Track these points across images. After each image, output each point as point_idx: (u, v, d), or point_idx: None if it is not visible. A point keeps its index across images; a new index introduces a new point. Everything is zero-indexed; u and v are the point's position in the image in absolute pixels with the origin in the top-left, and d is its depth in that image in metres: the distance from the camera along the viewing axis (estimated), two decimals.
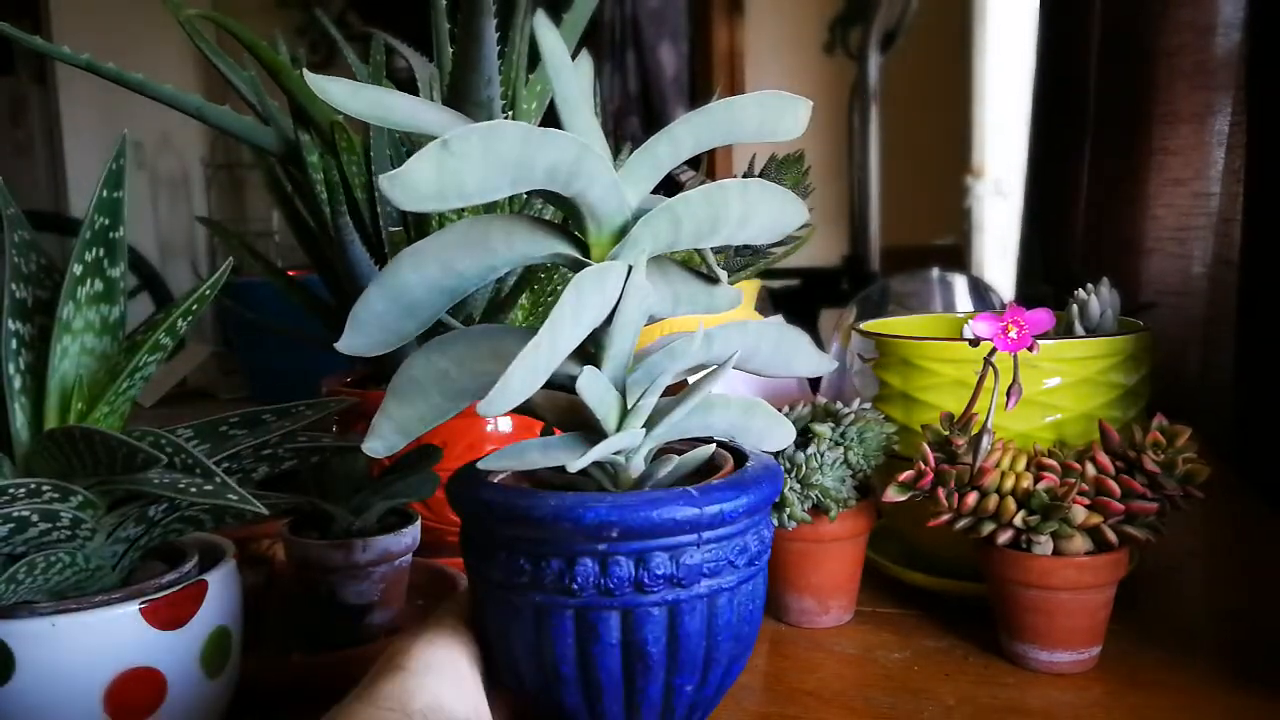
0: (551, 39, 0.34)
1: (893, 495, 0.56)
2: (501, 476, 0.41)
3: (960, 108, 3.03)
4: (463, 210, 0.63)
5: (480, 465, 0.37)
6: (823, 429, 0.57)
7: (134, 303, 2.09)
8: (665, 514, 0.36)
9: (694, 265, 0.42)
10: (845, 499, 0.58)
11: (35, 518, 0.39)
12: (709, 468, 0.42)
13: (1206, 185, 1.12)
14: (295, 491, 0.54)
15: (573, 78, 0.36)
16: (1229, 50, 1.08)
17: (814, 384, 0.96)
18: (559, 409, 0.40)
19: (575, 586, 0.36)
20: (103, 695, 0.40)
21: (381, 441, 0.37)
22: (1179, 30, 1.14)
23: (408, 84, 0.73)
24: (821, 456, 0.57)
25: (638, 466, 0.40)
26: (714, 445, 0.42)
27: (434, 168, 0.32)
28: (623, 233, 0.37)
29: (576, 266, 0.37)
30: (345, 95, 0.36)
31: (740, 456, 0.43)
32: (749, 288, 0.89)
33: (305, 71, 0.37)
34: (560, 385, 0.38)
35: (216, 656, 0.44)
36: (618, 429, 0.38)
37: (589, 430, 0.38)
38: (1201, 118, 1.13)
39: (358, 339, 0.36)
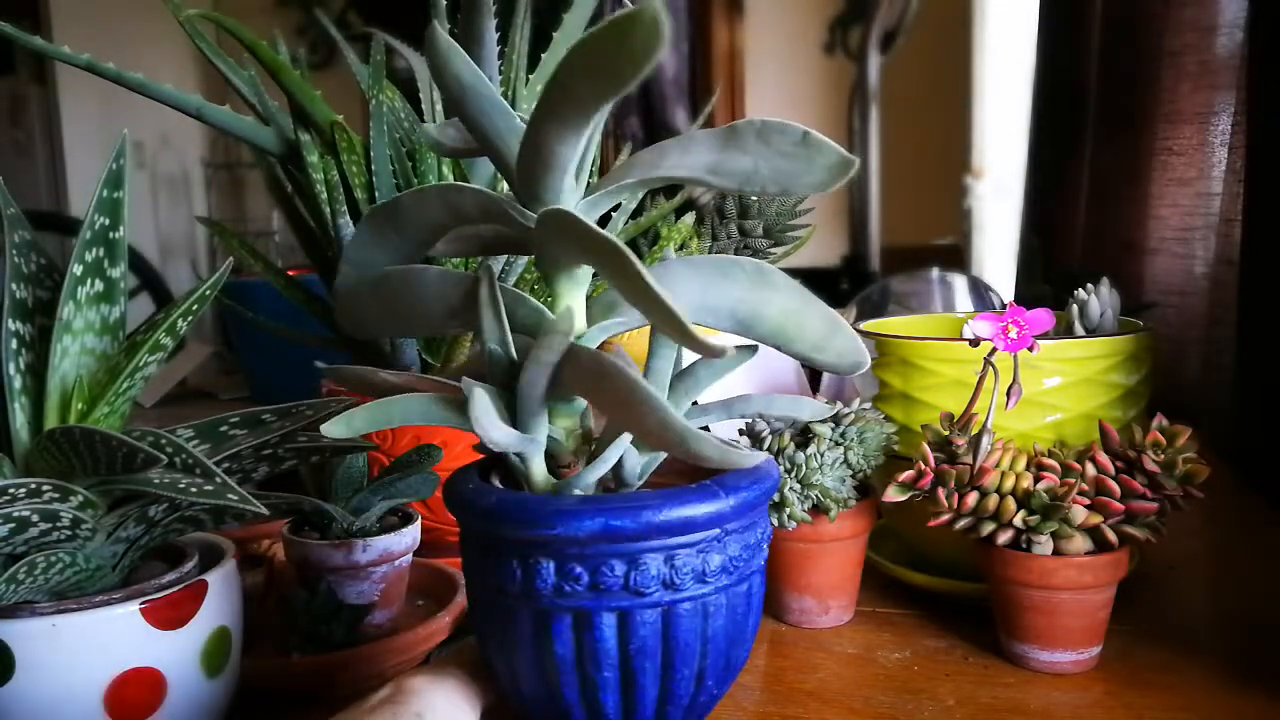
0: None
1: (893, 495, 0.56)
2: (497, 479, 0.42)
3: (960, 108, 3.03)
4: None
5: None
6: (823, 429, 0.57)
7: (134, 303, 2.09)
8: (504, 513, 0.36)
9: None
10: (845, 499, 0.58)
11: (35, 518, 0.39)
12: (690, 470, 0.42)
13: (1210, 185, 1.12)
14: (295, 491, 0.54)
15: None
16: (1232, 51, 1.08)
17: (814, 383, 0.96)
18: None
19: (563, 588, 0.37)
20: (103, 695, 0.40)
21: None
22: (1182, 30, 1.14)
23: (408, 84, 0.73)
24: (821, 456, 0.57)
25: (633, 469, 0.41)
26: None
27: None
28: None
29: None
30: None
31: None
32: None
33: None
34: None
35: (216, 656, 0.44)
36: None
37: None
38: (1205, 118, 1.13)
39: None
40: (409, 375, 0.41)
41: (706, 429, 0.40)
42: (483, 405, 0.35)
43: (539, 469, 0.40)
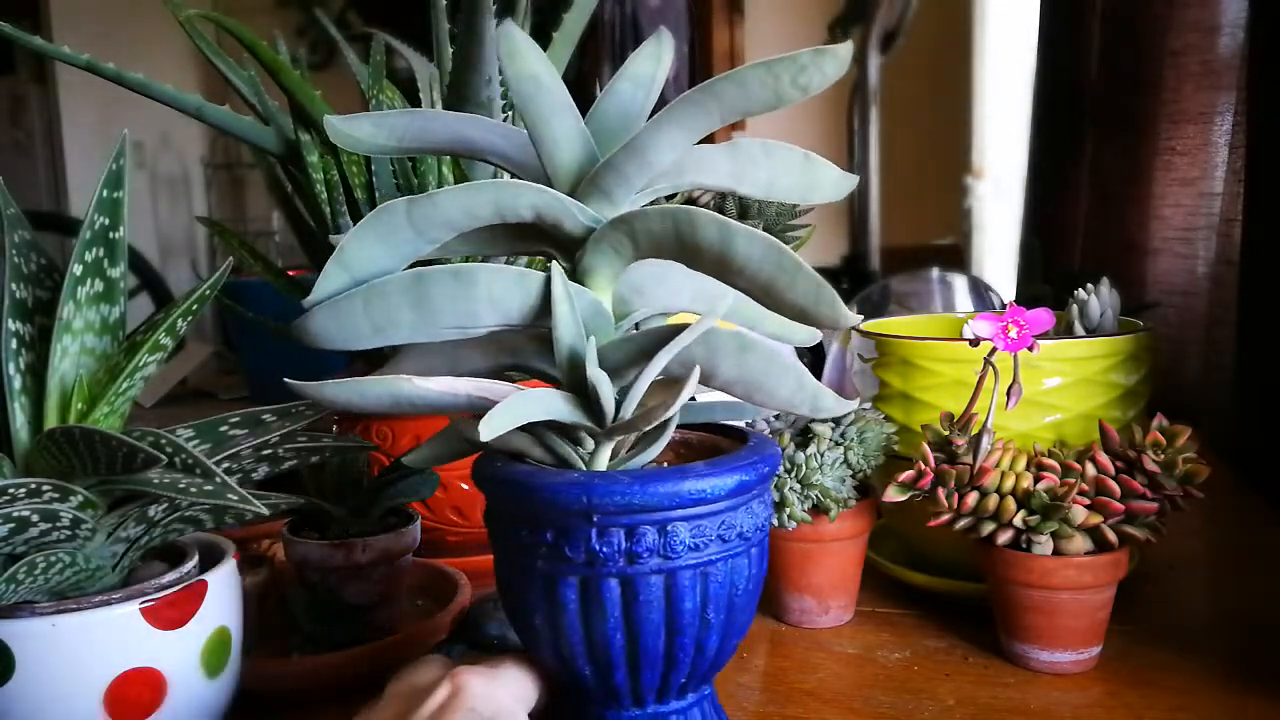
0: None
1: (893, 495, 0.56)
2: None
3: (960, 108, 3.03)
4: None
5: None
6: (823, 429, 0.57)
7: (134, 303, 2.09)
8: (652, 490, 0.38)
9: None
10: (845, 499, 0.58)
11: (35, 518, 0.39)
12: (711, 449, 0.44)
13: (1213, 185, 1.12)
14: (295, 491, 0.54)
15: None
16: (1234, 51, 1.08)
17: None
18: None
19: (577, 556, 0.38)
20: (103, 695, 0.40)
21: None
22: (1184, 30, 1.14)
23: (408, 84, 0.73)
24: (821, 456, 0.57)
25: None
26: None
27: None
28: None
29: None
30: (370, 132, 0.38)
31: (742, 436, 0.44)
32: None
33: (329, 119, 0.38)
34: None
35: (216, 656, 0.44)
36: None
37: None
38: (1208, 118, 1.13)
39: None
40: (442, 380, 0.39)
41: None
42: (692, 385, 0.37)
43: (609, 450, 0.41)
